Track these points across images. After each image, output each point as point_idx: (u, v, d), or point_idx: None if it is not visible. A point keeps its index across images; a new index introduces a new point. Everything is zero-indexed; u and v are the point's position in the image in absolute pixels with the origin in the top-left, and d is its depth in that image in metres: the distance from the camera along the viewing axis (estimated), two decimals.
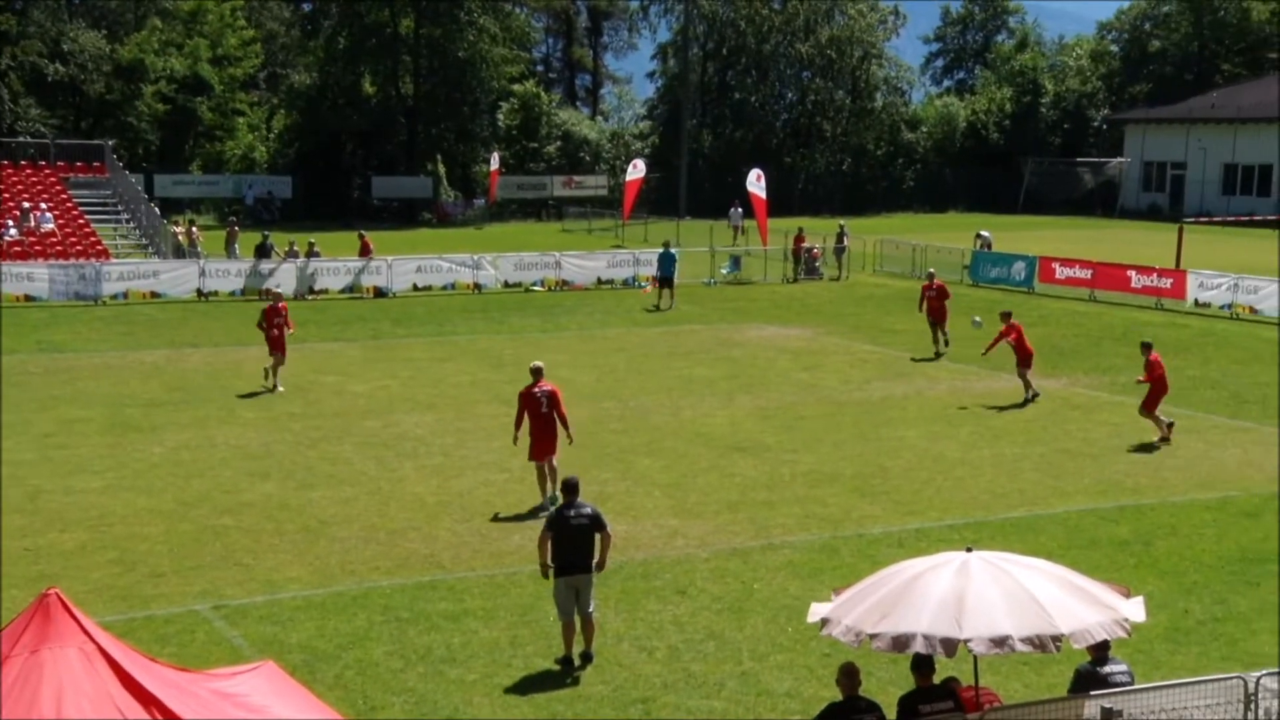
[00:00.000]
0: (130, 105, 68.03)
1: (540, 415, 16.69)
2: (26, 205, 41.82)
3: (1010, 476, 18.73)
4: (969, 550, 8.83)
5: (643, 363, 27.74)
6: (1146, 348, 21.42)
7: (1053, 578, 8.72)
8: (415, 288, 39.36)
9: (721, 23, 78.85)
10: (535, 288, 40.21)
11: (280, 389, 23.97)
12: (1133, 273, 37.92)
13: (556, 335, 31.78)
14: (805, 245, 43.73)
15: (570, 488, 12.27)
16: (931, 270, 31.37)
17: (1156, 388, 20.82)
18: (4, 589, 13.46)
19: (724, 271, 43.05)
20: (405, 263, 40.12)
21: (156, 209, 46.47)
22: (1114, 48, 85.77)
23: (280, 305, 24.71)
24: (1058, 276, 39.60)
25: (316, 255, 39.88)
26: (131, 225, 45.13)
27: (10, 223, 40.85)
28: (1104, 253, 43.48)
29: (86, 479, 17.84)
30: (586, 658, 12.10)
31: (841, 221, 49.14)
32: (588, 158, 76.39)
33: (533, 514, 16.40)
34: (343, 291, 38.37)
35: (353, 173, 72.27)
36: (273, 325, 24.15)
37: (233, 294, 37.56)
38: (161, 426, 21.05)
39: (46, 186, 44.43)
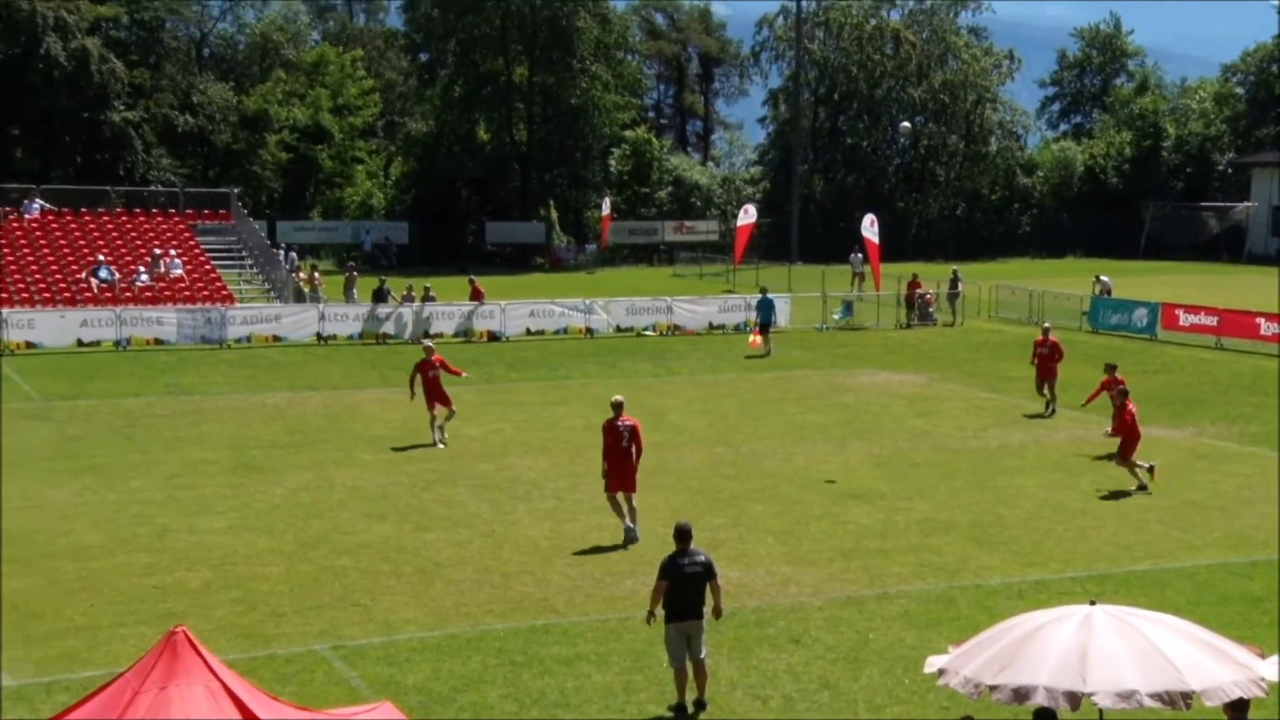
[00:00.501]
0: (255, 154, 70.06)
1: (620, 449, 17.28)
2: (157, 252, 43.19)
3: (1134, 528, 18.25)
4: (1092, 604, 8.61)
5: (755, 408, 27.63)
6: (1122, 394, 20.98)
7: (1182, 633, 8.46)
8: (528, 332, 39.75)
9: (833, 68, 78.83)
10: (647, 332, 40.35)
11: (441, 444, 23.15)
12: (1261, 320, 36.85)
13: (668, 380, 31.82)
14: (919, 290, 43.30)
15: (683, 535, 12.24)
16: (1046, 324, 29.82)
17: (1129, 435, 20.34)
18: (133, 625, 13.81)
19: (836, 317, 42.79)
20: (518, 307, 40.57)
21: (280, 255, 47.66)
22: (1239, 90, 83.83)
23: (433, 358, 23.76)
24: (1181, 323, 38.62)
25: (432, 300, 40.51)
26: (255, 271, 46.33)
27: (141, 268, 42.20)
28: (1230, 299, 42.32)
29: (211, 519, 18.25)
30: (700, 705, 12.03)
31: (955, 267, 48.57)
32: (699, 203, 76.68)
33: (624, 545, 16.58)
34: (456, 335, 38.89)
35: (467, 218, 73.41)
36: (426, 378, 23.43)
37: (350, 338, 38.28)
38: (282, 468, 21.48)
39: (176, 233, 45.85)
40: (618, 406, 17.67)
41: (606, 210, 65.65)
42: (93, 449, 22.59)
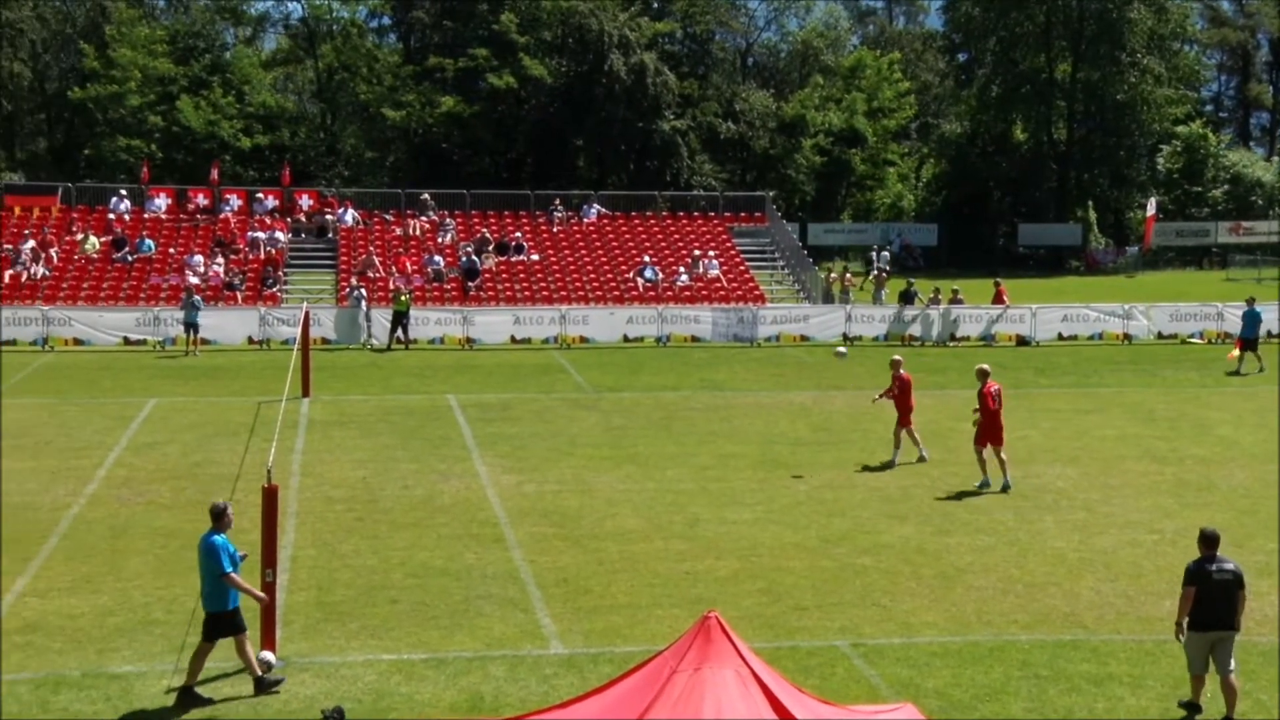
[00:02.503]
0: (790, 158, 72.16)
1: (990, 411, 20.03)
2: (697, 253, 45.49)
3: None
4: None
5: None
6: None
7: None
8: (1060, 337, 38.35)
9: None
10: (1193, 340, 37.73)
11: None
12: None
13: (1217, 390, 29.59)
14: None
15: (1210, 540, 11.67)
16: None
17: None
18: (667, 607, 14.63)
19: None
20: (1050, 311, 39.22)
21: (809, 256, 48.84)
22: None
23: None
24: None
25: (959, 303, 39.98)
26: (786, 272, 47.70)
27: (682, 269, 44.62)
28: None
29: (739, 510, 18.97)
30: None
31: None
32: (1260, 201, 70.65)
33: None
34: (981, 339, 38.16)
35: (998, 220, 71.84)
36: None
37: (875, 339, 38.53)
38: (806, 465, 21.95)
39: (714, 235, 48.09)
40: (982, 374, 20.51)
41: (1152, 210, 62.04)
42: (634, 439, 24.12)
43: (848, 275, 46.65)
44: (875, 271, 48.93)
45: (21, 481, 19.90)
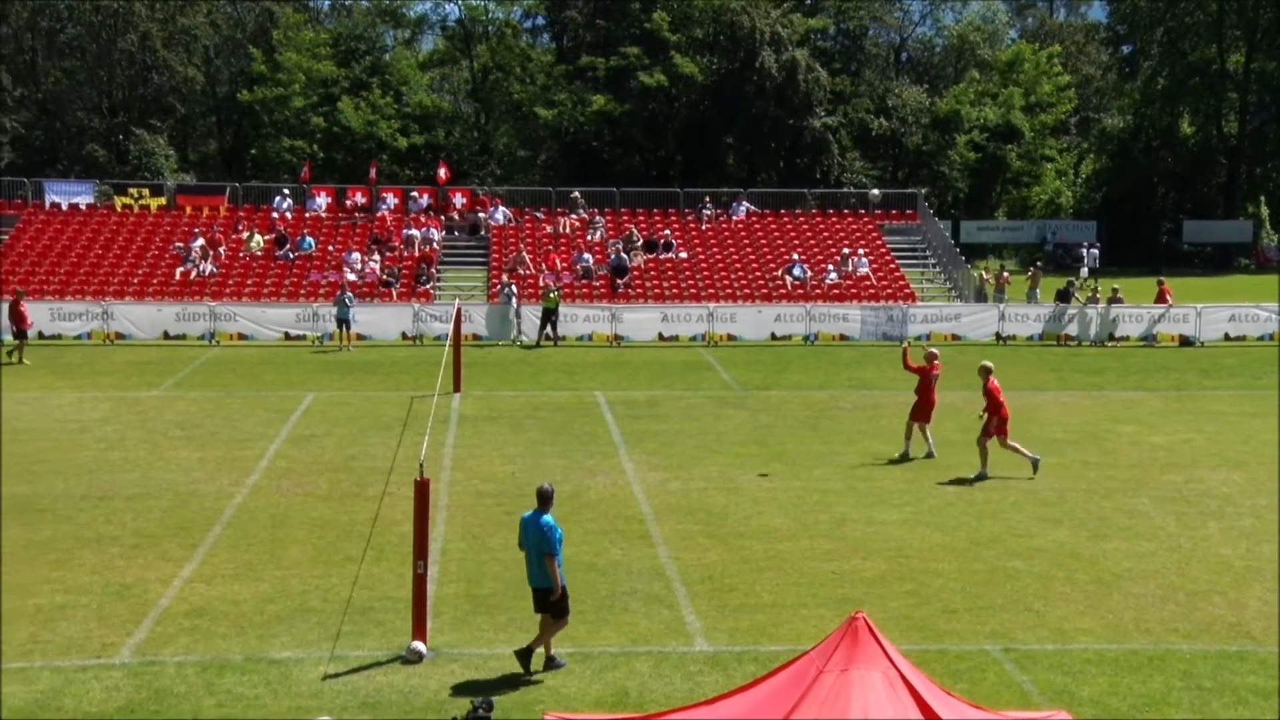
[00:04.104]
0: (943, 155, 71.02)
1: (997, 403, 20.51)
2: (846, 251, 45.06)
3: None
4: None
5: None
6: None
7: None
8: (1226, 337, 37.03)
9: None
10: None
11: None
12: None
13: None
14: None
15: None
16: None
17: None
18: (813, 607, 14.52)
19: None
20: (1216, 311, 37.92)
21: (961, 254, 48.00)
22: None
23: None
24: None
25: (1119, 302, 38.88)
26: (937, 270, 46.95)
27: (831, 266, 44.24)
28: None
29: (887, 511, 18.73)
30: None
31: None
32: None
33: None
34: (1142, 339, 37.03)
35: (1161, 217, 69.71)
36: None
37: (1030, 339, 37.70)
38: (955, 466, 21.57)
39: (864, 233, 47.58)
40: (985, 372, 20.91)
41: None
42: (781, 437, 24.00)
43: (1003, 273, 45.72)
44: (1084, 272, 49.46)
45: (189, 471, 20.67)
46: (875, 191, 31.22)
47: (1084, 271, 52.41)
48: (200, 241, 43.10)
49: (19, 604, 14.30)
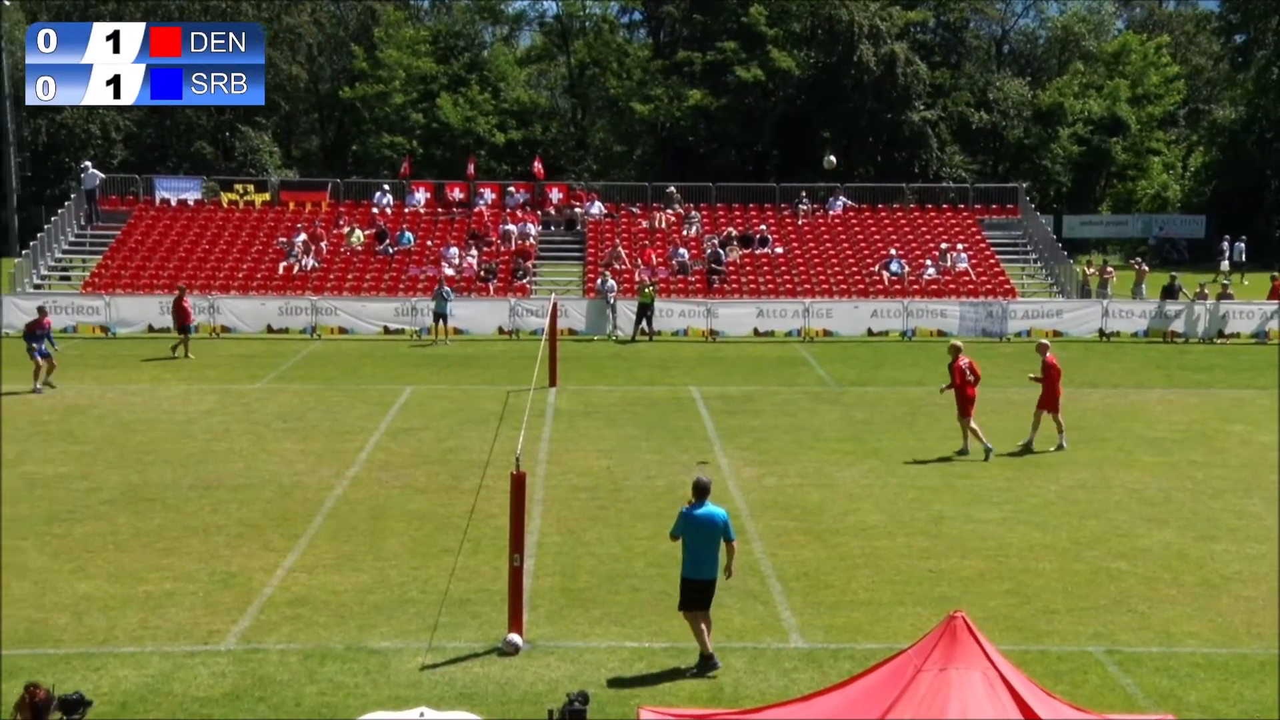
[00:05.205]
0: (1045, 148, 69.80)
1: (959, 384, 21.54)
2: (945, 246, 44.51)
3: None
4: None
5: None
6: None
7: None
8: None
9: None
10: None
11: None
12: None
13: None
14: None
15: None
16: None
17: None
18: (910, 605, 14.38)
19: None
20: None
21: (1063, 249, 47.17)
22: None
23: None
24: None
25: (1228, 298, 37.96)
26: (1038, 265, 46.18)
27: (929, 262, 43.73)
28: None
29: (986, 509, 18.49)
30: None
31: None
32: None
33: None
34: (1253, 336, 36.12)
35: (1275, 211, 67.82)
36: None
37: (1135, 335, 36.96)
38: (1058, 464, 21.23)
39: (963, 228, 46.94)
40: (954, 350, 22.02)
41: None
42: (877, 434, 23.80)
43: (1107, 268, 44.88)
44: (1224, 265, 49.98)
45: (292, 463, 21.05)
46: (831, 158, 31.37)
47: (1224, 265, 51.46)
48: (302, 237, 43.83)
49: (130, 590, 14.69)
